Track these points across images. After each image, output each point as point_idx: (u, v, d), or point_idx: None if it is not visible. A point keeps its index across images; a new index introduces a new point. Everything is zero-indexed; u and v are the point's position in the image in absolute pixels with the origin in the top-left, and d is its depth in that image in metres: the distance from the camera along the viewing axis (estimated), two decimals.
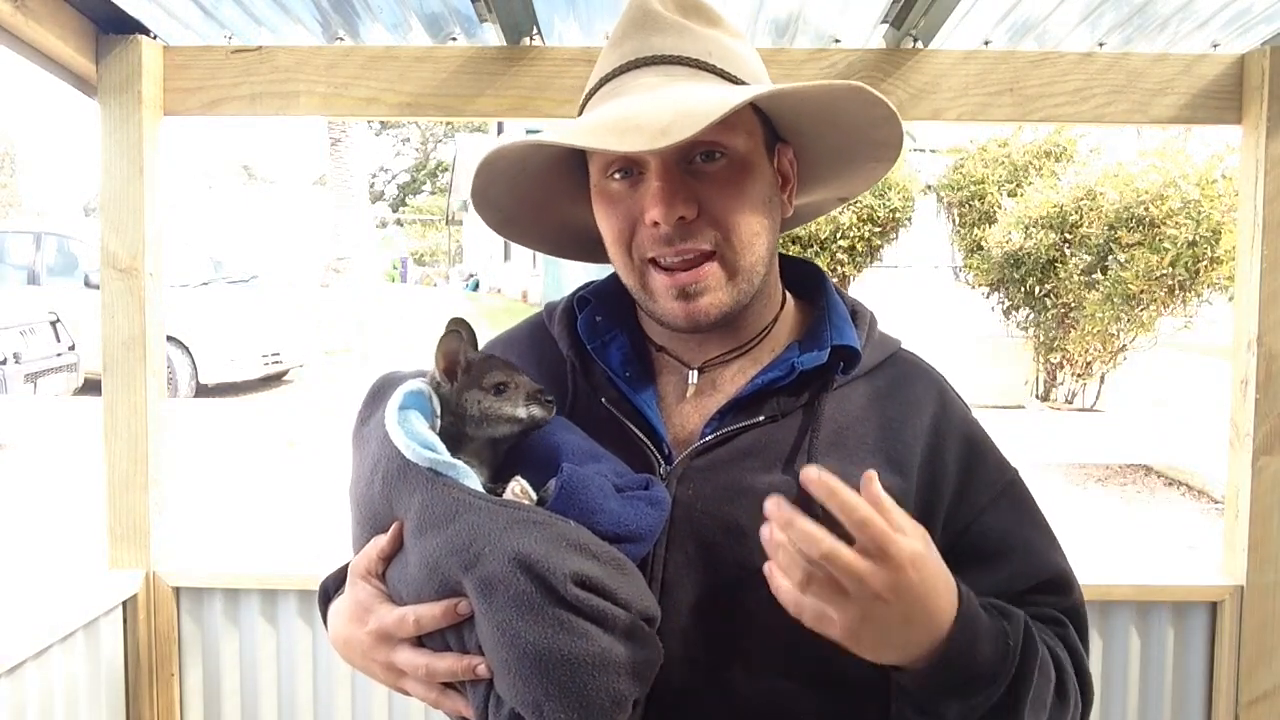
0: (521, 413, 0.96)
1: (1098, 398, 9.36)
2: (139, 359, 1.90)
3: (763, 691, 0.96)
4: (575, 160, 1.06)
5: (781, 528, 0.76)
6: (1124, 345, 9.02)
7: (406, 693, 0.95)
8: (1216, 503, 6.65)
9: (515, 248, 25.51)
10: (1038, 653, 0.90)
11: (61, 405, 8.54)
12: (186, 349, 10.03)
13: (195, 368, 10.13)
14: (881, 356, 1.08)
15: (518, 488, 0.91)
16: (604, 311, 1.10)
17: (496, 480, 0.95)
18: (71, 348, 8.89)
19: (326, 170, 17.37)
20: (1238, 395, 1.94)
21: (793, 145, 1.06)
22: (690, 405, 1.06)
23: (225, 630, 2.01)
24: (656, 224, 0.94)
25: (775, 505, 0.76)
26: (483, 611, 0.84)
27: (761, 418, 1.00)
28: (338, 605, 1.02)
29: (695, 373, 1.06)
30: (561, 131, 0.94)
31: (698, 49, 0.99)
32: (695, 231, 0.95)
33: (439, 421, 0.96)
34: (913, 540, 0.78)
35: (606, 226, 1.01)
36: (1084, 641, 1.02)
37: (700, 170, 0.96)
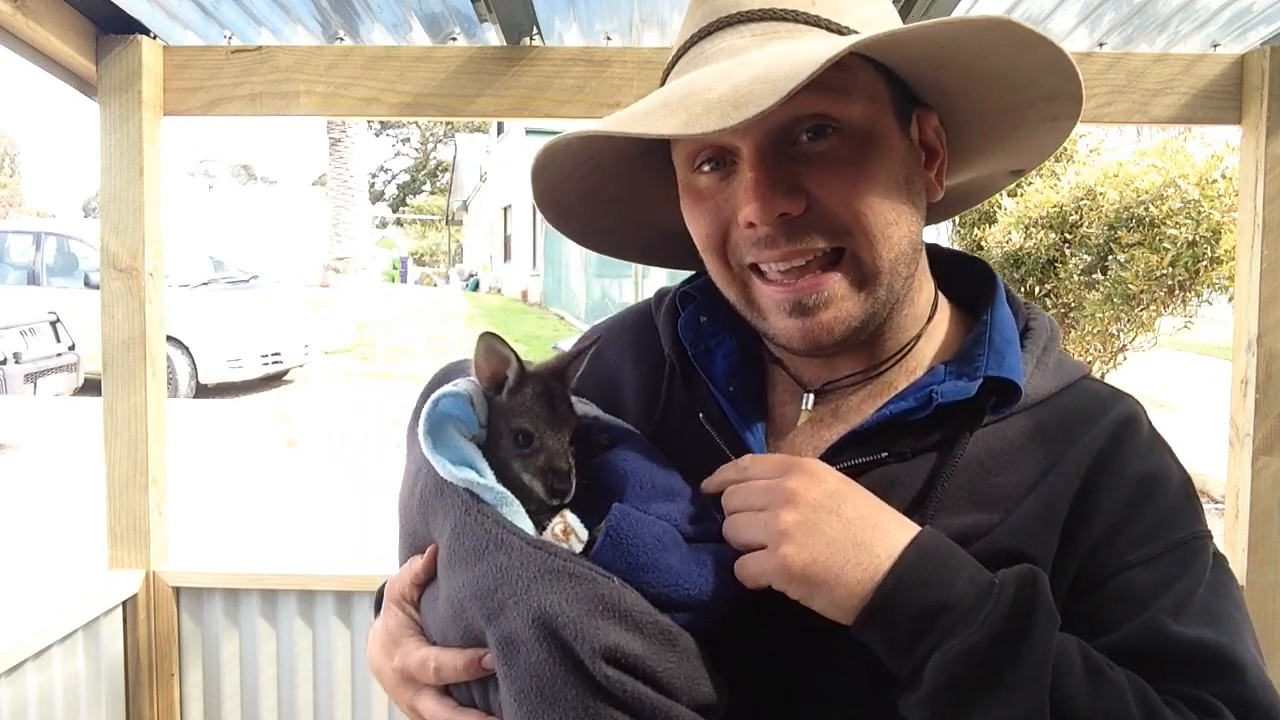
0: (526, 478, 0.78)
1: None
2: (139, 359, 1.90)
3: None
4: (661, 150, 0.87)
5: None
6: (1124, 345, 9.02)
7: None
8: (1216, 503, 6.65)
9: (515, 248, 25.53)
10: (1056, 619, 0.70)
11: (61, 405, 8.55)
12: (186, 349, 10.04)
13: (195, 368, 10.13)
14: (1055, 387, 0.84)
15: (561, 526, 0.74)
16: (710, 311, 0.91)
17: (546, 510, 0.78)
18: (71, 348, 8.89)
19: (326, 170, 17.37)
20: (1238, 395, 1.94)
21: (938, 110, 0.83)
22: (803, 435, 0.87)
23: (225, 630, 2.01)
24: (752, 225, 0.76)
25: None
26: (502, 673, 0.70)
27: (885, 454, 0.80)
28: (377, 625, 0.89)
29: (811, 397, 0.87)
30: (611, 118, 0.77)
31: None
32: (806, 229, 0.76)
33: (485, 432, 0.80)
34: (795, 476, 0.74)
35: (696, 230, 0.83)
36: None
37: (807, 152, 0.76)
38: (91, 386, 8.48)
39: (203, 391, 10.19)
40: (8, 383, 7.99)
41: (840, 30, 0.78)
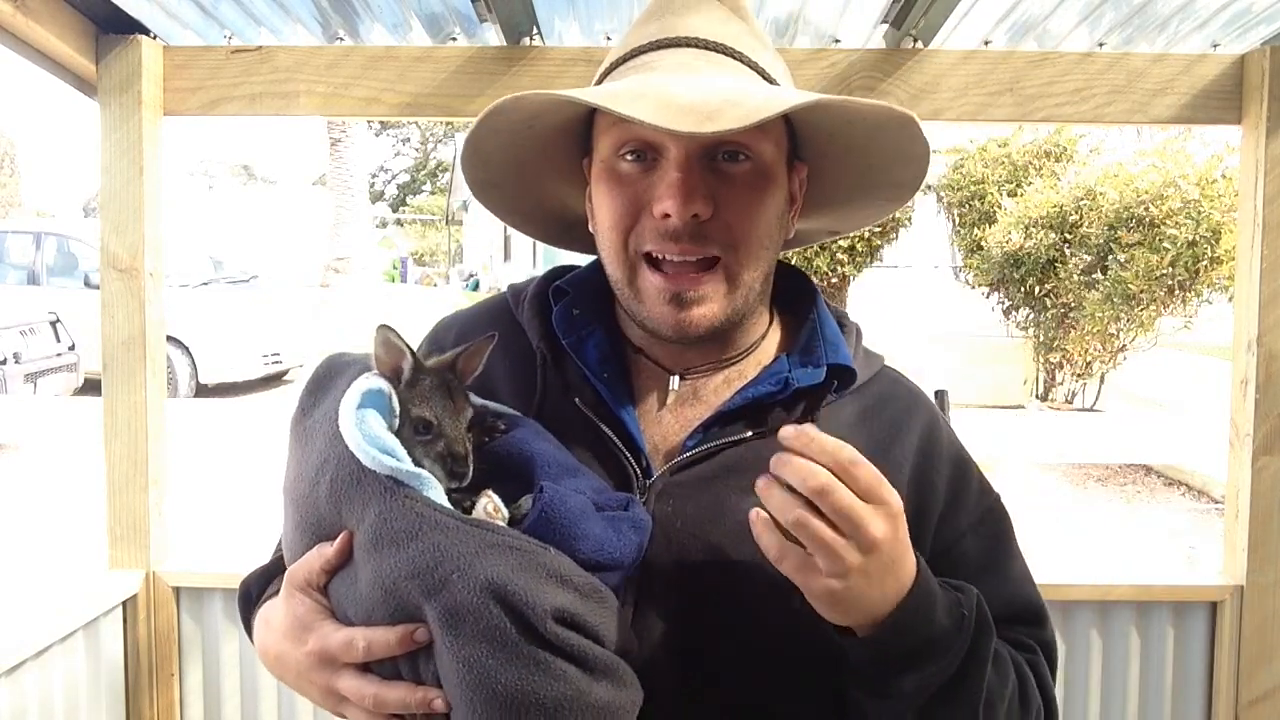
0: (426, 464, 0.83)
1: (1098, 398, 9.36)
2: (139, 359, 1.90)
3: (741, 717, 0.90)
4: (579, 132, 0.98)
5: (778, 467, 0.75)
6: (1124, 345, 9.02)
7: (345, 718, 0.86)
8: (1216, 503, 6.65)
9: (515, 248, 25.54)
10: (992, 632, 0.86)
11: (61, 405, 8.55)
12: (186, 349, 10.04)
13: (195, 368, 10.13)
14: (869, 374, 1.02)
15: (490, 505, 0.82)
16: (582, 304, 1.01)
17: (462, 491, 0.84)
18: (71, 348, 8.89)
19: (326, 170, 17.38)
20: (1238, 395, 1.94)
21: (808, 166, 0.99)
22: (670, 415, 0.98)
23: (225, 630, 2.01)
24: (667, 216, 0.87)
25: (778, 457, 0.76)
26: (446, 643, 0.75)
27: (749, 433, 0.94)
28: (268, 614, 0.92)
29: (677, 379, 0.99)
30: (598, 93, 0.86)
31: (736, 39, 0.92)
32: (706, 233, 0.88)
33: (399, 423, 0.85)
34: (883, 519, 0.77)
35: (607, 210, 0.92)
36: (1052, 674, 0.99)
37: (721, 169, 0.89)
38: (91, 386, 8.47)
39: (203, 391, 10.18)
40: (7, 383, 7.99)
41: (767, 77, 0.93)
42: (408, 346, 0.86)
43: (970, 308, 10.78)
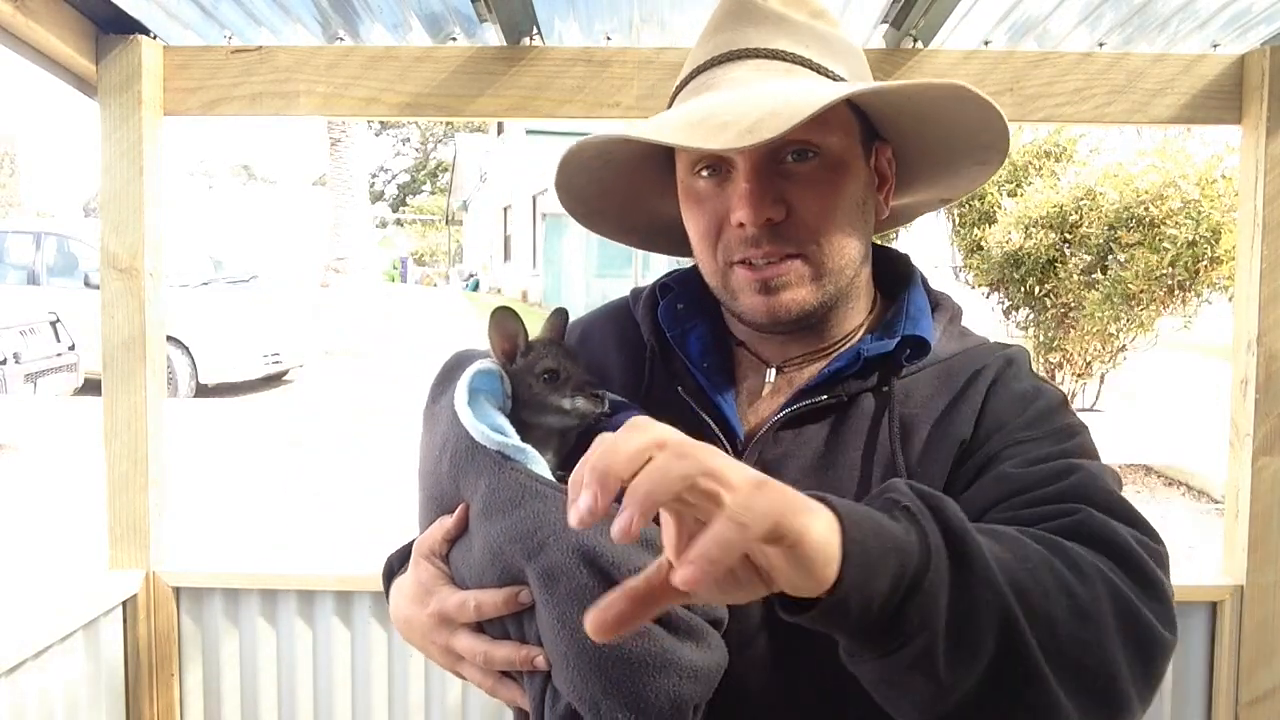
0: (566, 403, 0.94)
1: (1097, 397, 9.36)
2: (139, 359, 1.90)
3: (826, 692, 0.88)
4: (663, 154, 1.03)
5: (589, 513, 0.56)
6: (1124, 345, 9.01)
7: (463, 677, 0.94)
8: (1216, 503, 6.65)
9: (515, 248, 25.53)
10: (963, 519, 0.67)
11: (61, 405, 8.55)
12: (186, 349, 10.03)
13: (195, 368, 10.12)
14: (959, 348, 1.02)
15: None
16: (686, 300, 1.07)
17: (565, 468, 0.92)
18: (71, 348, 8.88)
19: (326, 170, 17.39)
20: (1238, 395, 1.94)
21: (892, 144, 1.02)
22: (765, 403, 1.03)
23: (225, 630, 2.01)
24: (743, 225, 0.92)
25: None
26: (543, 602, 0.82)
27: (826, 399, 0.96)
28: (400, 583, 1.00)
29: (773, 371, 1.03)
30: (645, 127, 0.92)
31: (795, 43, 0.95)
32: (784, 234, 0.92)
33: (510, 403, 0.94)
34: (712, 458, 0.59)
35: (693, 225, 0.99)
36: (1161, 569, 0.77)
37: (791, 170, 0.92)
38: (91, 386, 8.48)
39: (203, 391, 10.18)
40: (7, 383, 7.98)
41: (829, 74, 0.95)
42: (521, 325, 0.96)
43: (970, 308, 10.73)
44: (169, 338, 8.99)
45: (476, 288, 28.50)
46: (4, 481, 6.71)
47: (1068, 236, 9.05)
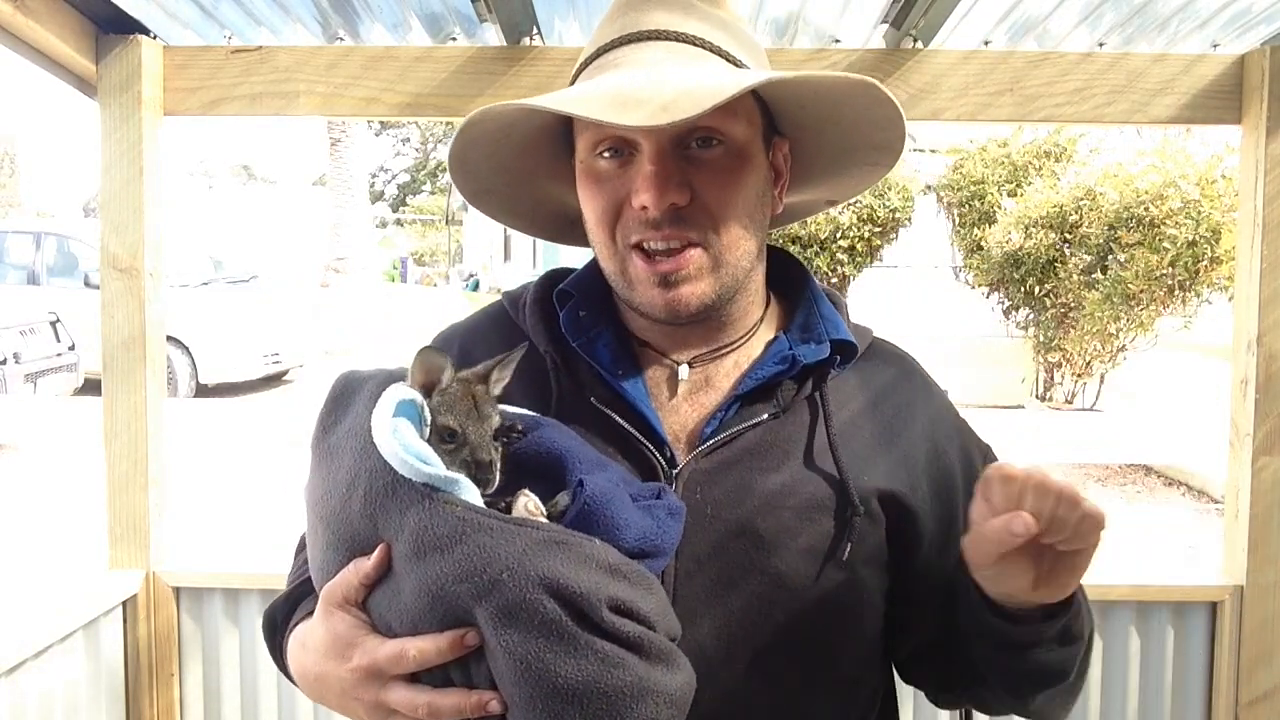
0: (454, 473, 0.83)
1: (1097, 397, 9.36)
2: (139, 359, 1.90)
3: (778, 699, 0.93)
4: (561, 133, 1.00)
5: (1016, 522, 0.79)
6: (1124, 345, 9.01)
7: None
8: (1216, 503, 6.65)
9: (515, 248, 25.55)
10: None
11: (61, 405, 8.55)
12: (186, 349, 10.03)
13: (195, 368, 10.13)
14: (863, 346, 1.06)
15: (529, 503, 0.83)
16: (588, 306, 1.03)
17: (497, 495, 0.85)
18: (71, 348, 8.88)
19: (326, 170, 17.39)
20: (1238, 395, 1.94)
21: (789, 140, 1.02)
22: (686, 403, 1.01)
23: (225, 630, 2.01)
24: (645, 208, 0.90)
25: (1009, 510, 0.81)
26: (501, 643, 0.75)
27: (765, 416, 0.97)
28: (303, 638, 0.90)
29: (686, 368, 1.01)
30: (555, 98, 0.88)
31: (703, 28, 0.94)
32: (686, 220, 0.91)
33: (429, 432, 0.86)
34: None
35: (590, 207, 0.96)
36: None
37: (695, 156, 0.91)
38: (91, 386, 8.48)
39: (203, 391, 10.18)
40: (7, 383, 7.99)
41: (735, 62, 0.95)
42: (449, 360, 0.87)
43: (970, 308, 10.78)
44: (169, 338, 8.98)
45: (477, 288, 28.50)
46: (4, 481, 6.71)
47: (1068, 236, 9.05)
